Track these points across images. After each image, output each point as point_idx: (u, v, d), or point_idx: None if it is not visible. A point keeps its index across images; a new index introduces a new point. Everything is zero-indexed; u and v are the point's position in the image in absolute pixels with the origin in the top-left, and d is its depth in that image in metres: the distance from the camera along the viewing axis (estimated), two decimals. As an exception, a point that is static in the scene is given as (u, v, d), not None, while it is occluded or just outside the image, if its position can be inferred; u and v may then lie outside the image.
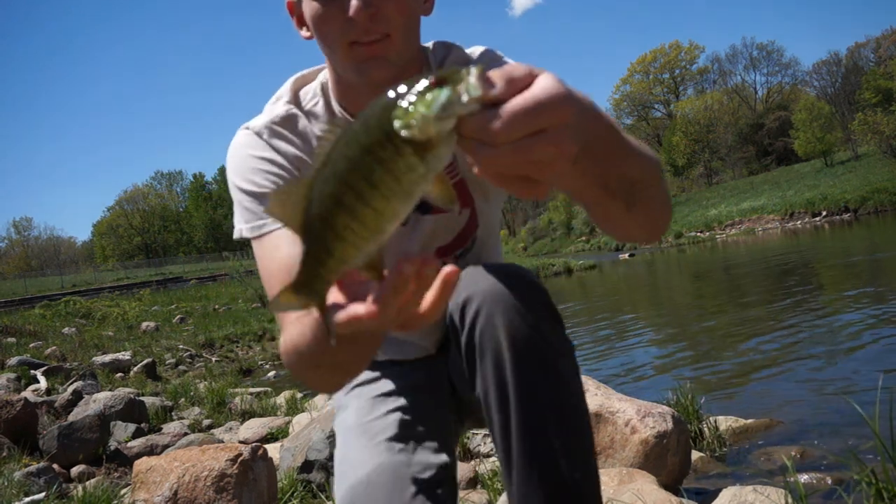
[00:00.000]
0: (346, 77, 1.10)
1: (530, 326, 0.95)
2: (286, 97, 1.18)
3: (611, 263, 28.03)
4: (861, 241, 18.01)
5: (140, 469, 2.53)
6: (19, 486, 2.89)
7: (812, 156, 52.08)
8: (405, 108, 0.50)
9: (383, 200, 0.51)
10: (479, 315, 0.97)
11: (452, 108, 0.50)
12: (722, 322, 7.42)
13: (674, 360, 5.70)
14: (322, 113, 1.17)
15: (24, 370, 6.51)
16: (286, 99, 1.18)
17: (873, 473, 1.77)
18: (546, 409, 0.94)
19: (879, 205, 31.69)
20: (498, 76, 0.52)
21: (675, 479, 2.48)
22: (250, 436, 4.13)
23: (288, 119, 1.15)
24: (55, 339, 11.19)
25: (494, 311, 0.96)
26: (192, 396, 5.86)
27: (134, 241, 76.57)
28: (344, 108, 1.17)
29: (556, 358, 0.97)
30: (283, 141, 1.13)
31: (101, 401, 4.48)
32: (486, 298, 0.97)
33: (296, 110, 1.16)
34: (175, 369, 9.15)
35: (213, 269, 45.03)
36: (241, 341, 11.33)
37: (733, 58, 72.34)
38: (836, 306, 7.12)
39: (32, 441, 3.71)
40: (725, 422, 3.20)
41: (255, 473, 2.53)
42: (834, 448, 2.71)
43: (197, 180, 79.73)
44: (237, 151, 1.13)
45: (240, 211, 1.11)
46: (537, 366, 0.95)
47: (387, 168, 0.50)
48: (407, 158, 0.50)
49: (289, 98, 1.18)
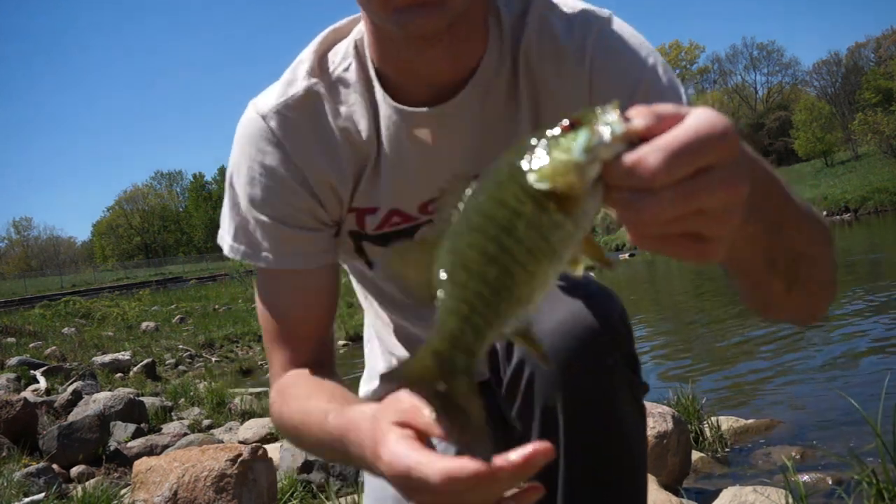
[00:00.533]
0: (384, 28, 0.86)
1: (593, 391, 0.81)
2: (307, 64, 0.94)
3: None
4: (861, 241, 18.00)
5: (140, 469, 2.52)
6: (19, 486, 2.88)
7: (812, 156, 52.09)
8: (541, 156, 0.44)
9: (534, 260, 0.44)
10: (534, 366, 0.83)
11: (596, 151, 0.43)
12: (722, 322, 7.42)
13: (674, 361, 5.69)
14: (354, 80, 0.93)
15: (23, 370, 6.51)
16: (307, 68, 0.94)
17: (874, 474, 1.77)
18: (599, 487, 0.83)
19: (880, 205, 31.68)
20: (642, 112, 0.44)
21: (675, 479, 2.47)
22: (250, 436, 4.13)
23: (306, 99, 0.93)
24: (55, 339, 11.19)
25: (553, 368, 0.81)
26: (191, 396, 5.86)
27: (134, 241, 76.59)
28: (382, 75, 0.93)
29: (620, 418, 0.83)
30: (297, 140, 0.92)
31: (101, 401, 4.48)
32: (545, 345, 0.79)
33: (318, 85, 0.93)
34: (175, 369, 9.15)
35: (212, 269, 45.03)
36: (241, 341, 11.33)
37: (733, 58, 72.46)
38: (836, 306, 7.12)
39: (32, 441, 3.71)
40: (726, 422, 3.20)
41: (255, 474, 2.52)
42: (834, 448, 2.71)
43: (197, 180, 79.71)
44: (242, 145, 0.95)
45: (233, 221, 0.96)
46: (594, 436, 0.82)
47: (531, 225, 0.44)
48: (552, 215, 0.44)
49: (310, 66, 0.94)
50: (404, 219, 0.98)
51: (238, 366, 9.22)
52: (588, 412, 0.82)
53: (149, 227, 77.06)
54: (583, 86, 0.89)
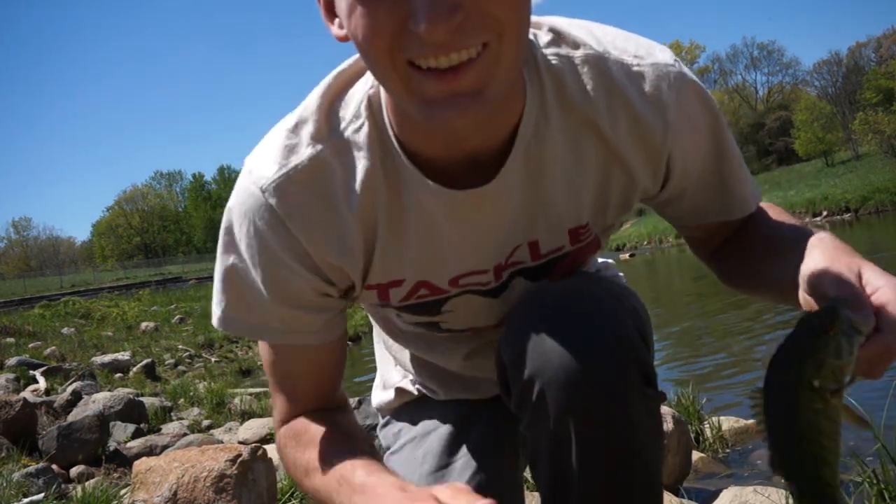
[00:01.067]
0: (398, 103, 0.76)
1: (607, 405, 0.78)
2: (311, 126, 0.81)
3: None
4: (862, 240, 17.99)
5: (139, 469, 2.52)
6: (18, 486, 2.88)
7: (813, 156, 52.06)
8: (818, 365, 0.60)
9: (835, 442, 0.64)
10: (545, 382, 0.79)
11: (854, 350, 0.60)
12: (723, 322, 7.42)
13: (675, 361, 5.70)
14: (368, 144, 0.80)
15: (23, 370, 6.49)
16: (311, 131, 0.81)
17: (875, 474, 1.76)
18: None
19: (880, 205, 31.63)
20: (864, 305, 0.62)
21: (675, 479, 2.47)
22: (250, 436, 4.12)
23: (310, 170, 0.80)
24: (54, 339, 11.17)
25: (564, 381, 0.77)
26: (191, 397, 5.85)
27: (133, 241, 76.54)
28: (406, 147, 0.80)
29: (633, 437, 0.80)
30: (300, 218, 0.81)
31: (101, 401, 4.47)
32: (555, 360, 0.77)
33: (324, 152, 0.80)
34: (174, 369, 9.14)
35: (212, 270, 44.34)
36: (241, 341, 11.31)
37: (734, 57, 72.38)
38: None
39: (31, 441, 3.70)
40: (727, 422, 3.19)
41: (255, 474, 2.52)
42: (835, 449, 2.70)
43: (196, 180, 79.74)
44: (241, 217, 0.83)
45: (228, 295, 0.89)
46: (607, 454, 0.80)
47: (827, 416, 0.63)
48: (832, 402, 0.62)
49: (315, 129, 0.81)
50: (432, 291, 0.91)
51: (238, 366, 9.21)
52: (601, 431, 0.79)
53: (148, 227, 77.01)
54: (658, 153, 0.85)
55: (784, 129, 59.46)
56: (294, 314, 0.87)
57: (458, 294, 0.93)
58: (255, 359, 9.81)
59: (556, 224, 0.88)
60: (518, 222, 0.86)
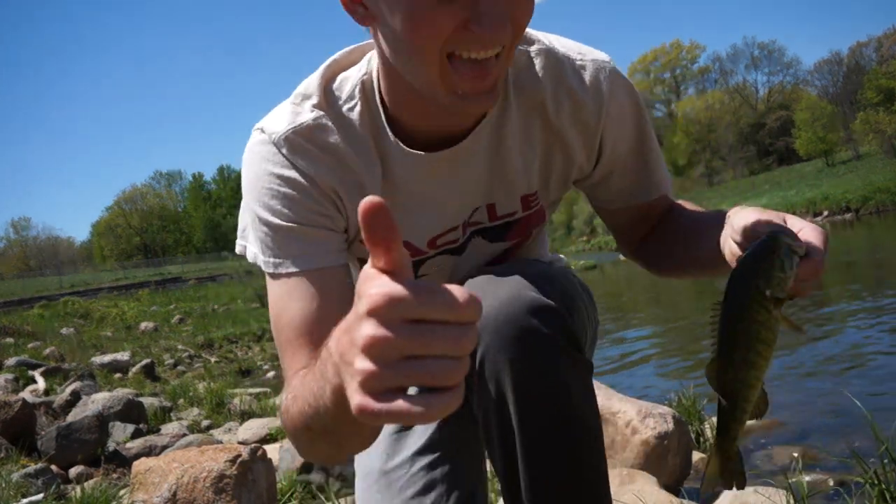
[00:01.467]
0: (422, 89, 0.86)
1: (537, 362, 0.85)
2: (315, 97, 0.96)
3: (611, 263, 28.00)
4: (862, 240, 17.99)
5: (139, 470, 2.51)
6: (17, 487, 2.87)
7: (813, 155, 52.06)
8: (768, 276, 0.73)
9: (769, 350, 0.77)
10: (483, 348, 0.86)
11: (794, 267, 0.73)
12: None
13: (675, 361, 5.69)
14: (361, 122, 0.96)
15: (22, 371, 6.49)
16: (314, 101, 0.96)
17: (876, 475, 1.76)
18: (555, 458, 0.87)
19: (881, 204, 31.64)
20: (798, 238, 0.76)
21: (675, 479, 2.47)
22: (249, 436, 4.12)
23: (315, 130, 0.94)
24: (53, 339, 11.17)
25: (499, 344, 0.85)
26: (190, 397, 5.85)
27: (133, 241, 76.52)
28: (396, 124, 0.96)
29: (566, 393, 0.87)
30: (306, 159, 0.94)
31: (100, 401, 4.47)
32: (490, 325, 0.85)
33: (325, 119, 0.95)
34: (174, 370, 9.14)
35: (212, 270, 45.05)
36: (241, 341, 11.32)
37: (734, 57, 72.36)
38: (838, 306, 7.11)
39: (30, 442, 3.69)
40: (727, 422, 3.18)
41: (255, 474, 2.51)
42: (836, 449, 2.69)
43: (196, 180, 79.83)
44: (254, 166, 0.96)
45: (257, 238, 0.97)
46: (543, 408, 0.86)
47: (767, 327, 0.75)
48: (774, 314, 0.75)
49: (318, 99, 0.96)
50: (413, 252, 1.03)
51: (237, 366, 9.20)
52: (533, 380, 0.85)
53: (148, 227, 77.00)
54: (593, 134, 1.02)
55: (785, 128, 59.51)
56: (310, 233, 0.94)
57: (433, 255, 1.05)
58: (254, 359, 9.82)
59: (510, 190, 1.03)
60: (480, 184, 1.01)
